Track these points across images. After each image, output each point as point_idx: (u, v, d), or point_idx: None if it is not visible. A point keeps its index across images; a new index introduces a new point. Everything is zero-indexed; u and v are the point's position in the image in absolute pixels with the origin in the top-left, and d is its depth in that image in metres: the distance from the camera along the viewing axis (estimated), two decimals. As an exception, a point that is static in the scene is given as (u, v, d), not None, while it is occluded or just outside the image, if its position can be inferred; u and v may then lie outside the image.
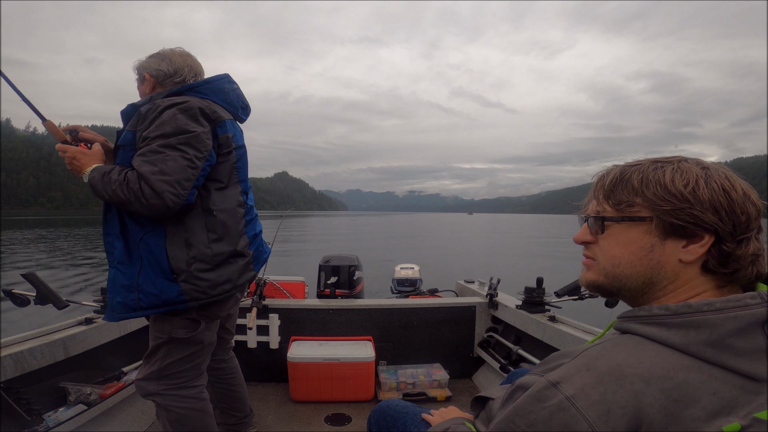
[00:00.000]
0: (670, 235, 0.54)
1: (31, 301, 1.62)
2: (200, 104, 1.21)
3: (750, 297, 0.49)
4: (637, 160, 0.61)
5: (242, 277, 1.32)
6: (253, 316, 2.18)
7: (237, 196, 1.31)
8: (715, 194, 0.53)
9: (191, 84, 1.31)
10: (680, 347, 0.49)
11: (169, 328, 1.27)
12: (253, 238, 1.38)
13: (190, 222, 1.21)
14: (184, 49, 1.38)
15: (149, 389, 1.32)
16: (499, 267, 13.24)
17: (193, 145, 1.16)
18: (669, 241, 0.55)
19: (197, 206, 1.22)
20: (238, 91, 1.40)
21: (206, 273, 1.21)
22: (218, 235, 1.24)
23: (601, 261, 0.61)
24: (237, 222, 1.30)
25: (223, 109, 1.31)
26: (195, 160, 1.15)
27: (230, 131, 1.28)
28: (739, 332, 0.47)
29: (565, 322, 1.94)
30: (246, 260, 1.32)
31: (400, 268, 3.86)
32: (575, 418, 0.47)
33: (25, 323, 1.69)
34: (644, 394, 0.46)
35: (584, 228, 0.64)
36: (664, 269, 0.55)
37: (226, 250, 1.25)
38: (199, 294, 1.21)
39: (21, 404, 1.36)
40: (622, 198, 0.58)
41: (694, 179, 0.54)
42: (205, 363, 1.42)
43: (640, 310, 0.55)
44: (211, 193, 1.24)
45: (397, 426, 0.97)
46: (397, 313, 2.40)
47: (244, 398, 1.73)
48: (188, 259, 1.19)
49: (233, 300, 1.39)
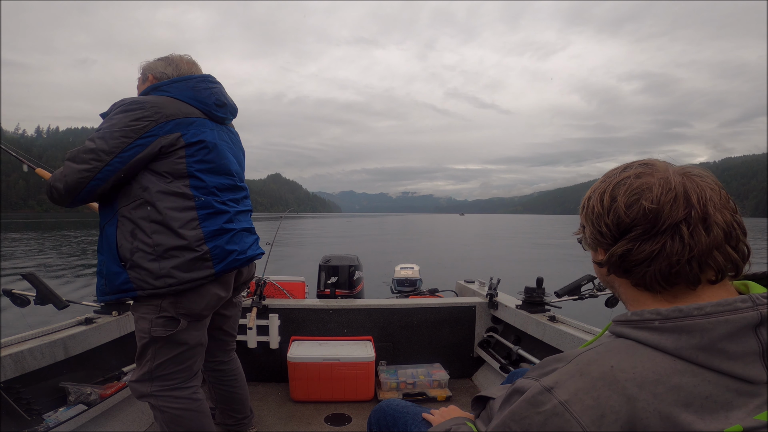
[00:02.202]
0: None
1: (31, 301, 1.62)
2: (145, 103, 1.26)
3: (741, 300, 0.49)
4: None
5: (192, 273, 1.27)
6: (253, 316, 2.19)
7: (184, 190, 1.29)
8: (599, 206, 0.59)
9: (157, 84, 1.37)
10: (672, 351, 0.49)
11: (148, 327, 1.29)
12: (213, 234, 1.32)
13: (136, 213, 1.26)
14: (192, 57, 1.45)
15: (142, 391, 1.34)
16: (499, 267, 13.25)
17: (106, 139, 1.22)
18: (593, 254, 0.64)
19: (142, 198, 1.26)
20: (215, 90, 1.41)
21: (148, 263, 1.24)
22: (159, 227, 1.25)
23: None
24: (182, 215, 1.27)
25: (190, 106, 1.34)
26: (100, 153, 1.21)
27: (181, 130, 1.29)
28: (731, 336, 0.47)
29: (565, 322, 1.94)
30: (195, 255, 1.27)
31: (400, 268, 3.86)
32: (569, 423, 0.47)
33: (25, 323, 1.69)
34: (637, 399, 0.46)
35: None
36: None
37: (166, 242, 1.24)
38: (143, 283, 1.24)
39: (21, 404, 1.35)
40: None
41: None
42: (197, 364, 1.42)
43: (632, 314, 0.55)
44: (154, 186, 1.26)
45: (397, 426, 0.97)
46: (397, 313, 2.40)
47: (244, 400, 1.73)
48: (132, 248, 1.25)
49: (209, 297, 1.33)
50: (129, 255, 1.25)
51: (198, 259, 1.28)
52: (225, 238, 1.35)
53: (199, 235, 1.28)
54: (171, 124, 1.27)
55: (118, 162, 1.22)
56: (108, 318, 1.85)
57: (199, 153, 1.32)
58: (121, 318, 1.89)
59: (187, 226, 1.27)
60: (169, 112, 1.28)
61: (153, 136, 1.24)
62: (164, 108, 1.27)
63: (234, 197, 1.44)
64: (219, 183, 1.37)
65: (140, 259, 1.24)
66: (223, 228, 1.35)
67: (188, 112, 1.32)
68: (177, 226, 1.25)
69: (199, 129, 1.33)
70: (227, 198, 1.40)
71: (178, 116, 1.29)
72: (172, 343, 1.32)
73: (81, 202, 1.29)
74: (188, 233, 1.26)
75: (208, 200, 1.32)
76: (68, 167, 1.22)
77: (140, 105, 1.25)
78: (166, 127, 1.26)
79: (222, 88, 1.45)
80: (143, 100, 1.27)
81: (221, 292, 1.37)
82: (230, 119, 1.51)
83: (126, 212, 1.27)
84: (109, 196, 1.30)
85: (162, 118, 1.26)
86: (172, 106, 1.29)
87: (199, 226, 1.29)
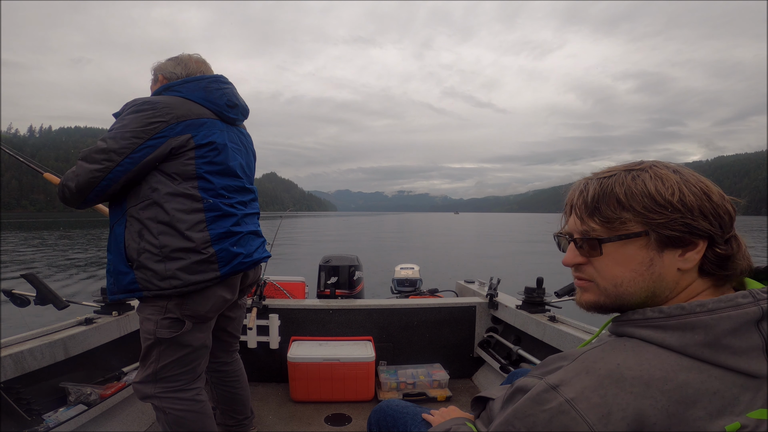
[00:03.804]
0: (667, 246, 0.54)
1: (31, 302, 1.62)
2: (156, 104, 1.26)
3: (742, 296, 0.50)
4: (608, 168, 0.60)
5: (197, 275, 1.26)
6: (253, 316, 2.19)
7: (193, 191, 1.29)
8: (699, 199, 0.53)
9: (168, 84, 1.37)
10: (678, 349, 0.49)
11: (153, 329, 1.28)
12: (220, 236, 1.31)
13: (144, 213, 1.26)
14: (201, 56, 1.46)
15: (146, 392, 1.33)
16: (498, 267, 13.24)
17: (117, 139, 1.22)
18: (666, 252, 0.54)
19: (150, 199, 1.26)
20: (226, 90, 1.41)
21: (154, 264, 1.24)
22: (166, 228, 1.25)
23: (600, 282, 0.58)
24: (189, 217, 1.27)
25: (202, 107, 1.34)
26: (111, 153, 1.22)
27: (192, 132, 1.29)
28: (734, 331, 0.48)
29: (565, 322, 1.94)
30: (201, 257, 1.26)
31: (400, 268, 3.86)
32: (575, 421, 0.47)
33: (25, 323, 1.69)
34: (645, 396, 0.46)
35: (571, 249, 0.61)
36: (666, 280, 0.55)
37: (173, 243, 1.24)
38: (149, 284, 1.24)
39: (21, 404, 1.35)
40: (610, 215, 0.56)
41: (677, 186, 0.54)
42: (201, 366, 1.41)
43: (634, 313, 0.56)
44: (163, 187, 1.26)
45: (397, 426, 0.97)
46: (397, 313, 2.40)
47: (245, 401, 1.73)
48: (138, 248, 1.25)
49: (215, 299, 1.33)
50: (136, 255, 1.25)
51: (204, 261, 1.27)
52: (232, 241, 1.34)
53: (206, 237, 1.28)
54: (182, 125, 1.27)
55: (129, 162, 1.22)
56: (108, 318, 1.85)
57: (208, 155, 1.32)
58: (121, 318, 1.89)
59: (194, 228, 1.27)
60: (180, 113, 1.28)
61: (164, 137, 1.24)
62: (175, 109, 1.27)
63: (242, 199, 1.44)
64: (227, 185, 1.37)
65: (146, 260, 1.24)
66: (230, 231, 1.34)
67: (199, 113, 1.32)
68: (184, 228, 1.25)
69: (209, 130, 1.33)
70: (235, 200, 1.40)
71: (189, 117, 1.29)
72: (176, 344, 1.31)
73: (92, 202, 1.30)
74: (195, 235, 1.26)
75: (216, 202, 1.32)
76: (80, 167, 1.23)
77: (152, 106, 1.25)
78: (177, 128, 1.26)
79: (233, 89, 1.44)
80: (155, 100, 1.27)
81: (227, 294, 1.37)
82: (242, 120, 1.51)
83: (135, 212, 1.27)
84: (119, 196, 1.31)
85: (173, 119, 1.26)
86: (184, 107, 1.29)
87: (207, 228, 1.29)
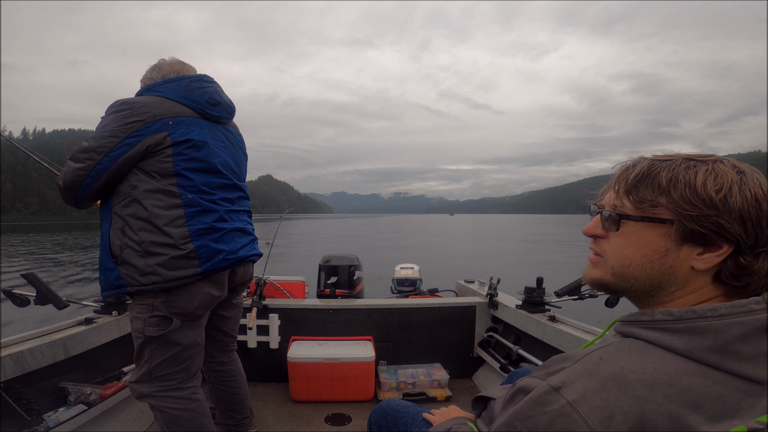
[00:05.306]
0: (688, 241, 0.52)
1: (31, 302, 1.62)
2: (134, 103, 1.29)
3: (755, 302, 0.48)
4: (669, 154, 0.57)
5: (177, 271, 1.27)
6: (253, 316, 2.19)
7: (171, 188, 1.30)
8: (746, 203, 0.50)
9: (149, 85, 1.40)
10: (684, 353, 0.48)
11: (142, 327, 1.30)
12: (201, 232, 1.31)
13: (126, 210, 1.29)
14: (177, 59, 1.50)
15: (142, 391, 1.35)
16: (498, 267, 13.24)
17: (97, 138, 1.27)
18: (685, 247, 0.52)
19: (131, 196, 1.29)
20: (208, 89, 1.42)
21: (135, 259, 1.27)
22: (145, 224, 1.28)
23: (609, 259, 0.58)
24: (168, 212, 1.28)
25: (181, 105, 1.36)
26: (92, 152, 1.26)
27: (168, 129, 1.31)
28: (744, 338, 0.47)
29: (565, 322, 1.94)
30: (179, 253, 1.27)
31: (400, 268, 3.86)
32: (577, 423, 0.46)
33: (25, 323, 1.69)
34: (647, 400, 0.45)
35: (596, 220, 0.60)
36: (675, 275, 0.54)
37: (151, 239, 1.26)
38: (131, 280, 1.27)
39: (21, 404, 1.35)
40: (646, 196, 0.54)
41: (728, 185, 0.51)
42: (195, 364, 1.42)
43: (642, 314, 0.54)
44: (142, 185, 1.29)
45: (397, 426, 0.97)
46: (397, 313, 2.40)
47: (244, 400, 1.73)
48: (121, 244, 1.29)
49: (201, 296, 1.33)
50: (119, 251, 1.28)
51: (182, 257, 1.28)
52: (213, 237, 1.34)
53: (185, 233, 1.29)
54: (158, 123, 1.29)
55: (107, 161, 1.26)
56: (108, 318, 1.85)
57: (186, 152, 1.33)
58: (121, 318, 1.89)
59: (173, 224, 1.28)
60: (158, 111, 1.30)
61: (140, 135, 1.27)
62: (153, 108, 1.30)
63: (227, 196, 1.44)
64: (209, 181, 1.38)
65: (129, 255, 1.28)
66: (212, 227, 1.34)
67: (178, 111, 1.34)
68: (162, 224, 1.27)
69: (187, 128, 1.34)
70: (218, 197, 1.40)
71: (166, 116, 1.31)
72: (167, 343, 1.32)
73: (82, 200, 1.33)
74: (173, 231, 1.28)
75: (195, 198, 1.33)
76: (68, 166, 1.28)
77: (129, 106, 1.28)
78: (153, 127, 1.29)
79: (217, 87, 1.46)
80: (133, 100, 1.31)
81: (214, 291, 1.37)
82: (227, 118, 1.51)
83: (118, 210, 1.30)
84: (107, 194, 1.35)
85: (149, 118, 1.28)
86: (162, 106, 1.32)
87: (186, 224, 1.29)
